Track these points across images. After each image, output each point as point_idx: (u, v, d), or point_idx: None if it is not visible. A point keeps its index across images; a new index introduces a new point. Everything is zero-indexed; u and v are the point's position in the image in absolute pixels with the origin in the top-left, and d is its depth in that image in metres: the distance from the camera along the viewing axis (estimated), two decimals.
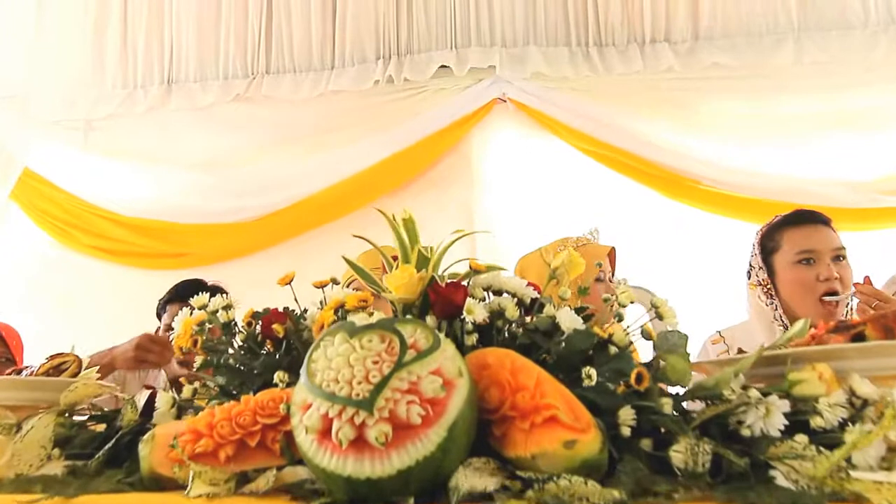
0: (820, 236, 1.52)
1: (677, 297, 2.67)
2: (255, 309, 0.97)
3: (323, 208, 3.09)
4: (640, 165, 2.94)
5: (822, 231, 1.53)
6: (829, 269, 1.47)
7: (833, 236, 1.53)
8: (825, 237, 1.52)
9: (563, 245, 1.82)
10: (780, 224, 1.59)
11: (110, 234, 3.15)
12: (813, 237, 1.52)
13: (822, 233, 1.53)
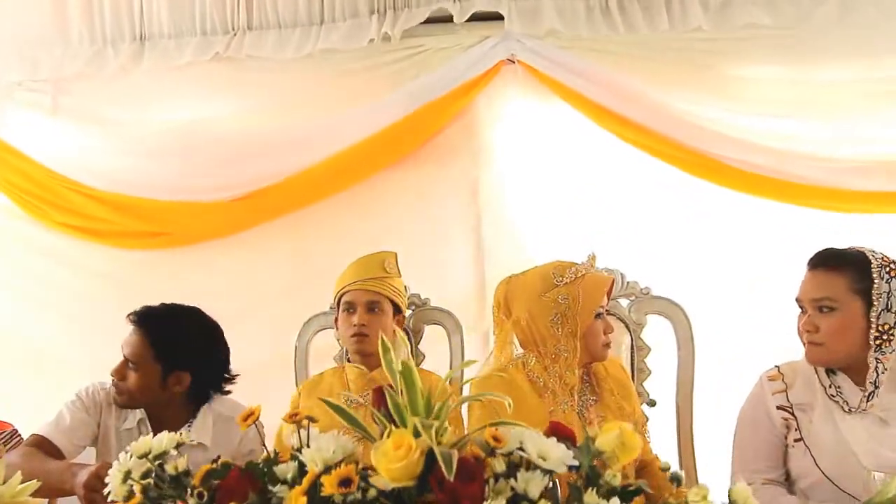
0: (805, 284, 1.46)
1: (702, 285, 2.53)
2: (209, 466, 0.77)
3: (315, 184, 2.84)
4: (661, 142, 2.65)
5: (812, 277, 1.45)
6: (808, 320, 1.42)
7: (819, 284, 1.41)
8: (808, 286, 1.45)
9: (561, 276, 1.59)
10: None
11: (85, 211, 2.89)
12: (803, 282, 1.47)
13: (811, 278, 1.45)
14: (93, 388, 1.78)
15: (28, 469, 1.44)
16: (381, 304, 1.90)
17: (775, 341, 2.49)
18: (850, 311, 1.37)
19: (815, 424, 1.38)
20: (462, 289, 2.80)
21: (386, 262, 1.97)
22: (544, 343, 1.57)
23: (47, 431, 1.64)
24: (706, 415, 1.97)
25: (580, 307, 1.55)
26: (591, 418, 1.57)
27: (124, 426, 1.74)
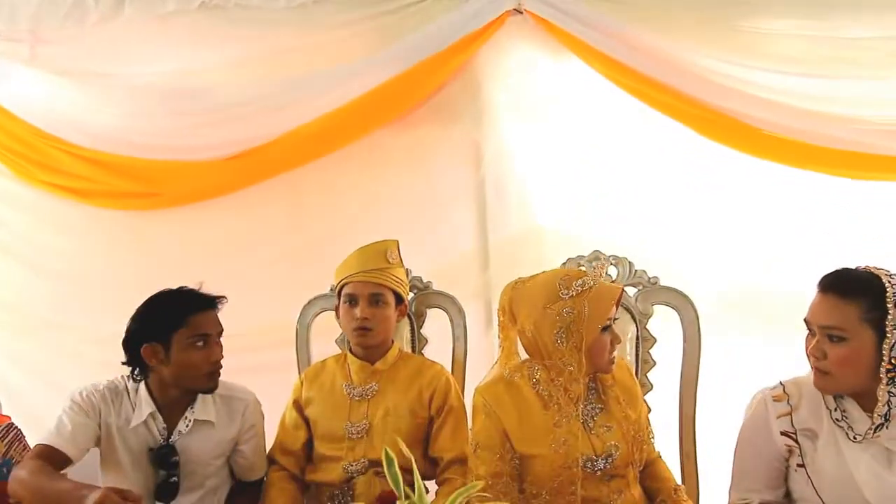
0: (815, 308, 1.39)
1: (711, 259, 2.46)
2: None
3: (309, 143, 2.71)
4: (676, 98, 2.50)
5: (822, 301, 1.37)
6: (816, 345, 1.37)
7: (829, 311, 1.34)
8: (818, 310, 1.37)
9: (567, 287, 1.52)
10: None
11: (72, 170, 2.78)
12: (812, 306, 1.40)
13: (821, 303, 1.38)
14: (87, 392, 1.74)
15: (37, 487, 1.47)
16: (384, 297, 1.85)
17: (790, 325, 2.49)
18: (860, 342, 1.29)
19: (819, 453, 1.35)
20: (463, 255, 2.74)
21: (388, 252, 1.90)
22: (549, 356, 1.53)
23: (51, 440, 1.62)
24: (710, 405, 1.96)
25: (586, 321, 1.49)
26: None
27: (132, 423, 1.72)
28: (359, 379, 1.87)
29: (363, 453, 1.79)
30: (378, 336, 1.85)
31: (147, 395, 1.74)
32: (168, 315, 1.73)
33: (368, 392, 1.85)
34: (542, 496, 1.53)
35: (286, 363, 2.32)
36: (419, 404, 1.83)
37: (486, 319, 2.65)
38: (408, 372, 1.89)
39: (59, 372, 2.85)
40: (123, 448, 1.72)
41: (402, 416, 1.82)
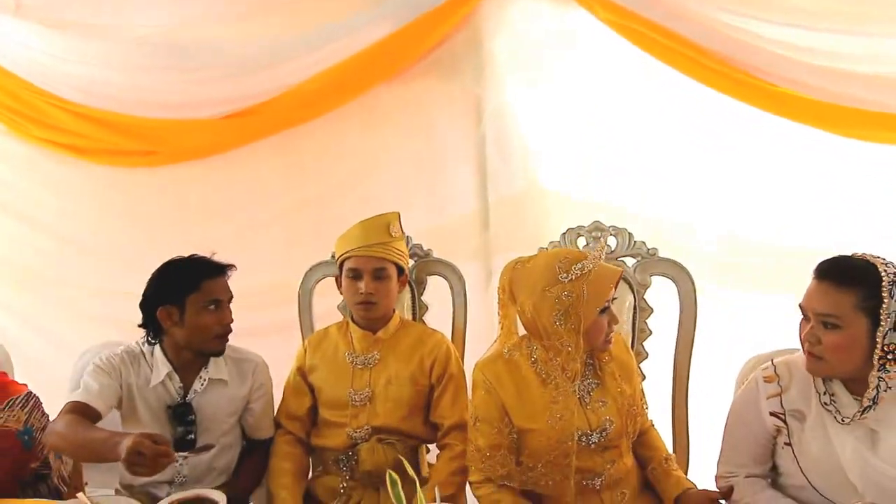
0: (811, 294, 1.40)
1: (716, 219, 2.46)
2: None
3: (308, 100, 2.67)
4: (683, 47, 2.42)
5: (818, 288, 1.38)
6: (811, 330, 1.38)
7: (824, 299, 1.36)
8: (814, 296, 1.39)
9: (566, 271, 1.54)
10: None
11: (68, 127, 2.75)
12: (809, 292, 1.41)
13: (818, 290, 1.39)
14: (106, 356, 1.82)
15: (73, 437, 1.57)
16: (386, 270, 1.85)
17: (790, 279, 2.51)
18: (854, 330, 1.31)
19: (806, 434, 1.41)
20: (463, 215, 2.74)
21: (391, 225, 1.89)
22: (548, 336, 1.57)
23: (81, 397, 1.70)
24: (704, 371, 2.02)
25: (584, 304, 1.51)
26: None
27: (151, 383, 1.80)
28: (361, 347, 1.91)
29: (366, 420, 1.85)
30: (381, 309, 1.88)
31: (163, 356, 1.82)
32: (183, 279, 1.80)
33: (370, 361, 1.89)
34: (538, 468, 1.60)
35: (288, 323, 2.35)
36: (420, 372, 1.87)
37: (486, 280, 2.68)
38: (409, 341, 1.92)
39: (58, 325, 2.93)
40: (144, 407, 1.80)
41: (403, 384, 1.86)
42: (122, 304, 2.84)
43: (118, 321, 2.85)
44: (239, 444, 1.92)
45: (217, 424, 1.83)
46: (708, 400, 1.96)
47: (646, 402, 1.77)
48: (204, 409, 1.81)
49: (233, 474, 1.88)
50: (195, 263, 1.84)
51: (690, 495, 1.56)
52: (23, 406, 1.80)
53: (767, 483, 1.51)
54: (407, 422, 1.86)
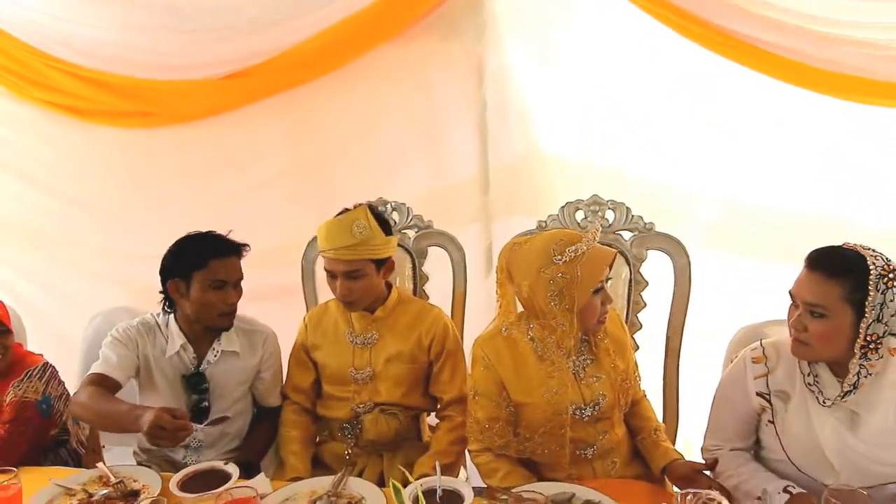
0: (801, 283, 1.43)
1: (715, 189, 2.49)
2: None
3: (308, 61, 2.64)
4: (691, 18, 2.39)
5: (808, 277, 1.42)
6: (798, 317, 1.42)
7: (813, 289, 1.39)
8: (804, 284, 1.42)
9: (560, 253, 1.58)
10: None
11: (65, 88, 2.74)
12: (798, 280, 1.45)
13: (808, 280, 1.42)
14: (124, 326, 1.89)
15: (97, 409, 1.67)
16: (360, 270, 1.81)
17: (786, 244, 2.54)
18: (840, 320, 1.35)
19: (790, 413, 1.48)
20: (463, 177, 2.75)
21: (354, 226, 1.78)
22: (543, 315, 1.62)
23: (101, 369, 1.78)
24: (698, 337, 2.08)
25: (578, 285, 1.55)
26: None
27: (167, 353, 1.88)
28: (360, 327, 1.93)
29: (369, 396, 1.91)
30: (363, 303, 1.89)
31: (177, 328, 1.89)
32: (192, 255, 1.85)
33: (370, 340, 1.92)
34: (535, 439, 1.68)
35: (291, 287, 2.40)
36: (419, 350, 1.91)
37: (485, 244, 2.71)
38: (407, 318, 1.94)
39: (65, 284, 2.99)
40: (160, 376, 1.88)
41: (403, 362, 1.90)
42: (127, 264, 2.92)
43: (123, 281, 2.93)
44: (250, 410, 2.00)
45: (229, 393, 1.91)
46: (700, 362, 2.03)
47: (639, 375, 1.84)
48: (217, 378, 1.89)
49: (244, 439, 1.97)
50: (206, 241, 1.86)
51: (677, 465, 1.64)
52: (40, 377, 1.87)
53: (750, 456, 1.59)
54: (408, 396, 1.93)
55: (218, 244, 1.86)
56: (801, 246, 2.52)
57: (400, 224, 2.17)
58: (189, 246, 1.87)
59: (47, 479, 1.58)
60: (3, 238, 2.98)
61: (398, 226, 2.18)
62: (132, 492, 1.55)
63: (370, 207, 1.86)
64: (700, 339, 2.08)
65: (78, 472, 1.66)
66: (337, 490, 1.51)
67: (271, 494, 1.51)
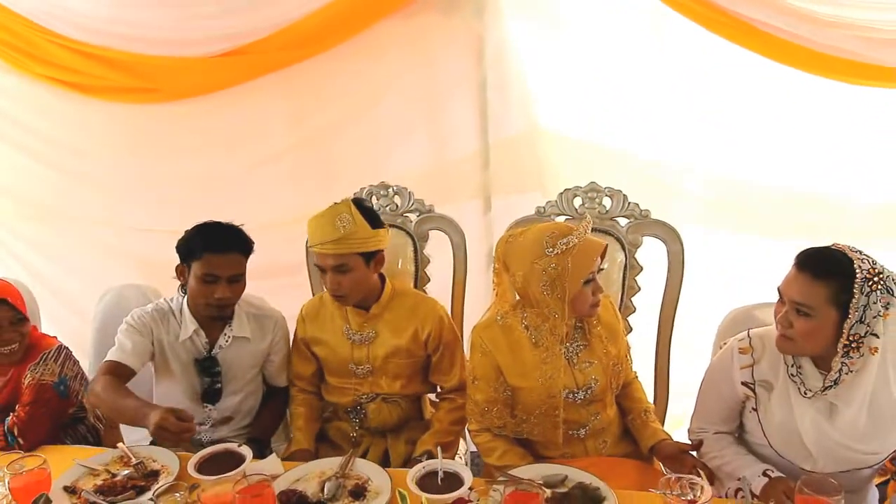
0: (789, 282, 1.48)
1: (713, 166, 2.53)
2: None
3: (307, 37, 2.64)
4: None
5: (796, 277, 1.47)
6: (785, 314, 1.48)
7: (801, 289, 1.45)
8: (792, 283, 1.47)
9: (552, 246, 1.63)
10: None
11: (67, 64, 2.74)
12: (787, 278, 1.50)
13: (796, 279, 1.47)
14: (138, 314, 1.95)
15: (109, 402, 1.76)
16: (347, 264, 1.80)
17: (779, 219, 2.60)
18: (825, 320, 1.41)
19: (772, 403, 1.56)
20: (463, 154, 2.79)
21: (337, 220, 1.78)
22: (537, 304, 1.69)
23: (117, 357, 1.84)
24: (691, 313, 2.16)
25: (569, 276, 1.61)
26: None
27: (181, 338, 1.95)
28: (356, 324, 1.94)
29: (370, 388, 1.98)
30: (354, 297, 1.89)
31: (189, 314, 1.96)
32: (191, 245, 1.89)
33: (367, 337, 1.94)
34: (530, 420, 1.78)
35: (295, 265, 2.45)
36: (416, 344, 1.94)
37: (485, 222, 2.76)
38: (403, 312, 1.95)
39: (74, 257, 3.06)
40: (174, 360, 1.96)
41: (401, 357, 1.95)
42: (133, 238, 2.98)
43: (131, 254, 3.00)
44: (260, 390, 2.09)
45: (241, 375, 2.00)
46: (692, 339, 2.11)
47: (630, 358, 1.92)
48: (228, 362, 1.97)
49: (255, 416, 2.07)
50: (207, 233, 1.89)
51: (664, 445, 1.74)
52: (55, 359, 1.95)
53: (733, 439, 1.69)
54: (408, 387, 2.00)
55: (216, 238, 1.87)
56: (793, 222, 2.60)
57: (402, 208, 2.22)
58: (193, 235, 1.90)
59: (71, 460, 1.68)
60: (14, 213, 3.02)
61: (400, 209, 2.23)
62: (152, 472, 1.65)
63: (355, 201, 1.86)
64: (692, 318, 2.15)
65: (100, 451, 1.75)
66: (345, 472, 1.60)
67: (283, 475, 1.61)
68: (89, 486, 1.59)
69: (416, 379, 2.02)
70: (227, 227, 1.91)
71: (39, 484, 1.47)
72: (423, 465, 1.54)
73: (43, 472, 1.48)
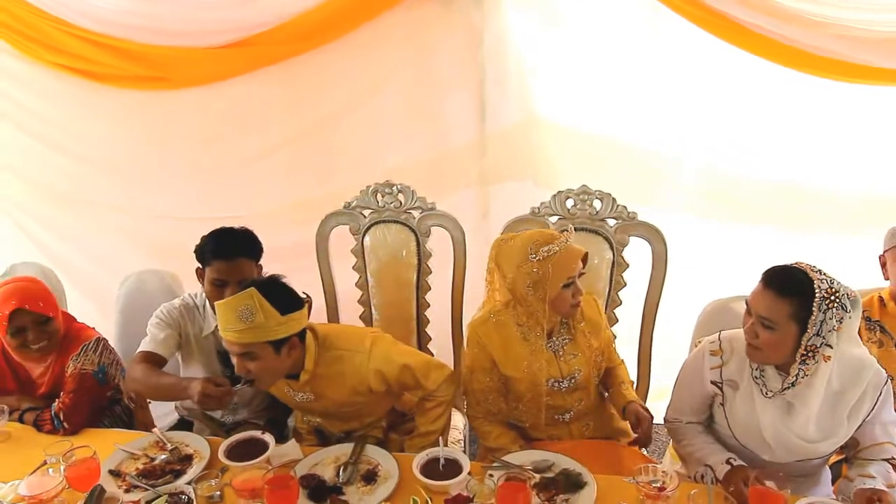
0: (756, 297, 1.62)
1: (707, 157, 2.67)
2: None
3: (309, 30, 2.74)
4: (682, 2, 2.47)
5: (763, 294, 1.61)
6: (751, 325, 1.63)
7: (766, 305, 1.59)
8: (759, 299, 1.61)
9: (535, 252, 1.81)
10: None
11: (79, 53, 2.84)
12: (755, 293, 1.63)
13: (763, 295, 1.61)
14: (167, 308, 2.12)
15: (149, 382, 1.96)
16: (251, 352, 1.73)
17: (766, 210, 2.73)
18: (785, 333, 1.57)
19: (737, 400, 1.74)
20: (460, 143, 2.90)
21: (242, 311, 1.68)
22: (524, 302, 1.88)
23: (150, 347, 2.03)
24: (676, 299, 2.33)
25: (549, 281, 1.79)
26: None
27: (204, 332, 2.13)
28: (294, 386, 1.92)
29: (337, 429, 2.05)
30: (267, 381, 1.84)
31: (211, 310, 2.12)
32: (203, 252, 2.05)
33: (308, 398, 1.94)
34: (519, 407, 2.00)
35: (304, 248, 2.57)
36: (359, 394, 1.90)
37: (482, 210, 2.90)
38: (335, 369, 1.87)
39: (93, 242, 3.23)
40: (199, 350, 2.16)
41: (351, 406, 1.95)
42: (148, 223, 3.13)
43: (147, 239, 3.15)
44: None
45: None
46: (674, 327, 2.29)
47: (615, 348, 2.11)
48: None
49: (271, 405, 2.27)
50: (217, 241, 2.02)
51: (630, 406, 1.94)
52: (94, 349, 2.13)
53: (703, 429, 1.89)
54: (378, 415, 2.06)
55: (224, 246, 1.99)
56: (780, 212, 2.73)
57: (405, 205, 2.37)
58: (206, 242, 2.05)
59: (112, 444, 1.88)
60: (32, 198, 3.16)
61: (404, 206, 2.37)
62: (186, 456, 1.86)
63: (263, 285, 1.73)
64: (680, 303, 2.31)
65: (136, 436, 1.95)
66: (357, 458, 1.81)
67: (302, 460, 1.82)
68: (131, 470, 1.79)
69: (382, 407, 2.08)
70: (237, 234, 2.04)
71: (91, 472, 1.67)
72: (426, 452, 1.75)
73: (94, 462, 1.69)
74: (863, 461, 1.70)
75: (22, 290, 2.04)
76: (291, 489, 1.55)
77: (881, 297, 2.13)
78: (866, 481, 1.63)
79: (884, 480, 1.64)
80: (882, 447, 1.69)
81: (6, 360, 2.14)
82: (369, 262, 2.45)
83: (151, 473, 1.78)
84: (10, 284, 2.06)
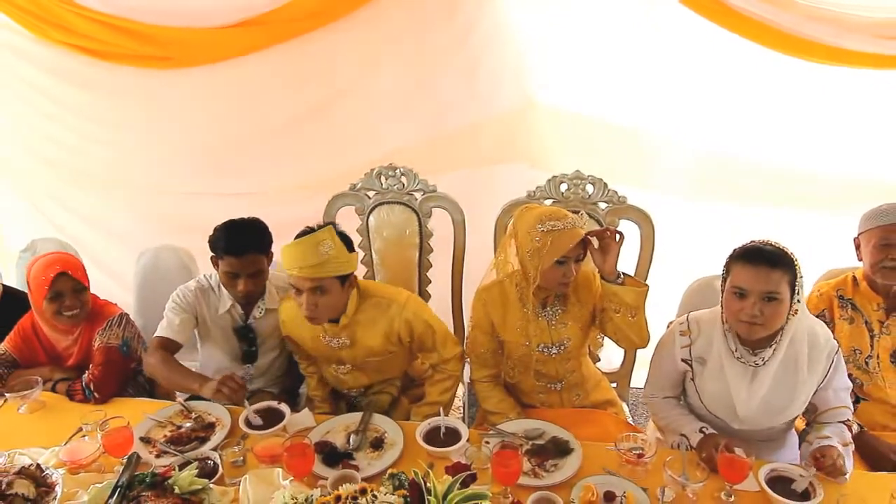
0: (751, 278, 1.71)
1: (704, 146, 2.81)
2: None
3: (315, 9, 2.81)
4: None
5: (757, 271, 1.71)
6: (752, 306, 1.72)
7: (768, 279, 1.70)
8: (758, 278, 1.71)
9: (542, 224, 1.92)
10: (733, 256, 1.78)
11: (84, 32, 2.91)
12: (747, 276, 1.72)
13: (758, 273, 1.71)
14: (182, 292, 2.26)
15: (165, 374, 2.12)
16: (323, 286, 1.90)
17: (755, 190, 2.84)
18: (786, 300, 1.70)
19: (706, 375, 1.90)
20: (457, 125, 2.98)
21: (321, 245, 1.87)
22: (525, 266, 2.00)
23: (166, 333, 2.17)
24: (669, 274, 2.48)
25: (545, 253, 1.90)
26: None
27: (220, 311, 2.27)
28: (330, 332, 2.08)
29: (357, 383, 2.22)
30: (325, 318, 2.00)
31: (227, 292, 2.27)
32: (216, 245, 2.18)
33: (342, 344, 2.09)
34: (514, 368, 2.18)
35: (311, 221, 2.72)
36: (389, 343, 2.09)
37: (477, 192, 2.98)
38: (371, 315, 2.06)
39: (108, 219, 3.35)
40: (216, 329, 2.30)
41: (378, 355, 2.12)
42: (161, 200, 3.24)
43: (161, 216, 3.27)
44: (287, 351, 2.44)
45: (273, 340, 2.34)
46: (664, 298, 2.43)
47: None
48: (262, 330, 2.30)
49: (286, 370, 2.44)
50: (228, 235, 2.13)
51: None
52: (118, 324, 2.29)
53: (677, 402, 2.07)
54: (395, 374, 2.27)
55: (235, 242, 2.11)
56: (769, 192, 2.84)
57: (408, 187, 2.49)
58: (218, 236, 2.16)
59: (138, 412, 2.05)
60: (47, 177, 3.27)
61: (406, 188, 2.50)
62: (209, 424, 2.03)
63: (334, 226, 1.96)
64: (664, 283, 2.44)
65: (161, 405, 2.12)
66: (366, 426, 1.99)
67: (315, 428, 1.99)
68: (160, 437, 1.96)
69: (400, 364, 2.26)
70: (247, 228, 2.15)
71: (125, 439, 1.84)
72: (429, 421, 1.92)
73: (127, 430, 1.86)
74: (820, 425, 1.88)
75: (63, 259, 2.21)
76: (308, 455, 1.72)
77: (854, 277, 2.25)
78: (822, 441, 1.79)
79: (839, 440, 1.80)
80: (837, 411, 1.87)
81: (35, 334, 2.30)
82: (374, 241, 2.59)
83: (178, 440, 1.94)
84: (51, 255, 2.23)
